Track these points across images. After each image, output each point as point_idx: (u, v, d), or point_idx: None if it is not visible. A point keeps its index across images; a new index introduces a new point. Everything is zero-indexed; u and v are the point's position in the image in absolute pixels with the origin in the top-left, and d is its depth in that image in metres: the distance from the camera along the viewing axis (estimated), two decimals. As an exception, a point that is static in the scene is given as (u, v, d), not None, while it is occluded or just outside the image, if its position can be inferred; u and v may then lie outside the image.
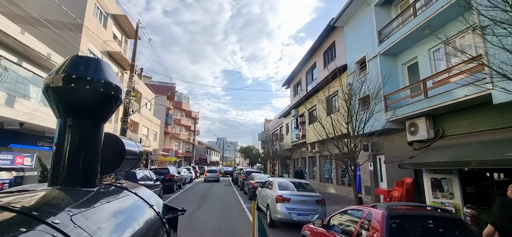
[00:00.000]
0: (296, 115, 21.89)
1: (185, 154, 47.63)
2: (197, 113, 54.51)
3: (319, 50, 18.29)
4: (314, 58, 19.34)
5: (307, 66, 20.69)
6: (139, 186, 2.10)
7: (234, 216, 9.62)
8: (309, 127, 18.68)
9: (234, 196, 15.59)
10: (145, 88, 27.41)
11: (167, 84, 40.88)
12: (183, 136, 47.34)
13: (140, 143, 3.35)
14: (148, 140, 29.46)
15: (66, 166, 1.45)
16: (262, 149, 45.46)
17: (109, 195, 1.60)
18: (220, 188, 20.36)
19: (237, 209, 11.19)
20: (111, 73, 1.60)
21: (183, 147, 48.84)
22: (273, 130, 36.27)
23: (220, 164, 78.25)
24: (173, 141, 45.74)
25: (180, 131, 47.42)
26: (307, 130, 19.21)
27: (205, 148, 65.40)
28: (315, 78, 19.18)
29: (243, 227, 7.80)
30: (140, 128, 25.87)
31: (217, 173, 28.50)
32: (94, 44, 16.94)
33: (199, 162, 56.72)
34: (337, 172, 16.24)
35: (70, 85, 1.40)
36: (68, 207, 1.12)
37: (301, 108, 21.13)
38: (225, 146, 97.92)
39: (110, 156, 1.84)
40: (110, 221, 1.32)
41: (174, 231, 2.06)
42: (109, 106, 1.63)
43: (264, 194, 9.29)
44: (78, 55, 1.57)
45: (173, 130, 45.30)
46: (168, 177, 15.00)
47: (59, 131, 1.49)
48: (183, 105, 48.38)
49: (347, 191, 14.91)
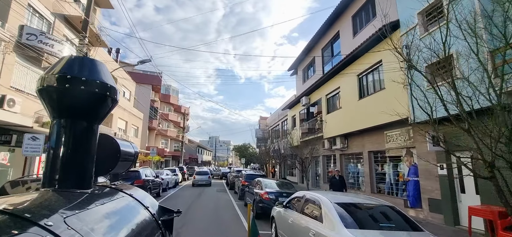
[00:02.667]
0: (307, 104, 17.61)
1: (173, 153, 42.81)
2: (187, 108, 49.67)
3: (345, 14, 14.01)
4: (335, 27, 15.06)
5: (325, 40, 16.40)
6: (134, 188, 2.06)
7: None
8: (329, 117, 14.40)
9: (232, 211, 11.17)
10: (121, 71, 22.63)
11: (153, 73, 36.02)
12: (171, 133, 42.49)
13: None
14: (126, 135, 24.74)
15: (60, 168, 1.44)
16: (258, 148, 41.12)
17: (103, 196, 1.59)
18: (211, 196, 15.85)
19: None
20: (106, 74, 1.59)
21: (171, 146, 44.00)
22: (273, 125, 31.92)
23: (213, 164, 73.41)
24: (159, 139, 40.86)
25: (168, 127, 42.55)
26: (325, 122, 14.93)
27: (196, 146, 60.53)
28: (337, 53, 14.92)
29: None
30: (114, 120, 21.16)
31: (208, 175, 23.06)
32: (42, 1, 12.28)
33: (189, 162, 51.85)
34: (371, 175, 12.02)
35: (64, 85, 1.39)
36: (61, 209, 1.11)
37: (315, 94, 16.86)
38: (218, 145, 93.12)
39: (105, 157, 1.81)
40: (104, 223, 1.30)
41: (169, 233, 2.03)
42: (104, 107, 1.60)
43: (297, 224, 4.83)
44: (73, 56, 1.56)
45: (159, 126, 40.42)
46: (138, 184, 10.42)
47: (53, 132, 1.48)
48: (171, 99, 43.49)
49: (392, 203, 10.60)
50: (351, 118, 12.47)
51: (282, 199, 7.79)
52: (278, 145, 22.76)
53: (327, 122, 14.85)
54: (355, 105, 12.10)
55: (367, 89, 11.63)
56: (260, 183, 9.99)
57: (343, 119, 13.25)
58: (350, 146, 13.76)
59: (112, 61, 21.78)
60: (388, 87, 9.92)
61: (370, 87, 11.51)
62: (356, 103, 12.06)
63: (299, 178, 21.75)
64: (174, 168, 23.37)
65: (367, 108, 11.18)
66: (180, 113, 45.05)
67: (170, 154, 42.64)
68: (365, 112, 11.31)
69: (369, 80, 11.58)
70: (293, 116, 21.66)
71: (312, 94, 17.33)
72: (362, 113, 11.59)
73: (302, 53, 19.34)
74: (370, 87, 11.51)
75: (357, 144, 13.12)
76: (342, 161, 14.82)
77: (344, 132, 13.14)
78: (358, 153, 13.24)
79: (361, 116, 11.63)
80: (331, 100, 15.15)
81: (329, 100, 15.33)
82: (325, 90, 15.38)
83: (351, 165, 14.21)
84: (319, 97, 16.18)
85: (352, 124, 12.34)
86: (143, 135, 30.99)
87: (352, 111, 12.41)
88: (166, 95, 43.10)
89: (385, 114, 9.41)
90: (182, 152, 37.74)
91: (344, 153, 14.43)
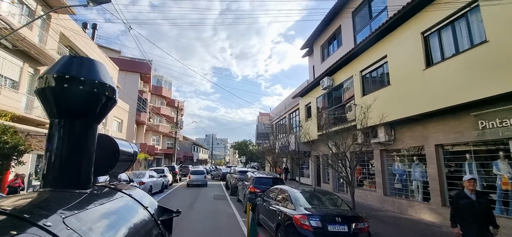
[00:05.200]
0: (330, 86, 13.75)
1: (166, 151, 38.72)
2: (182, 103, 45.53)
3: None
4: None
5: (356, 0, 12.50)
6: (133, 188, 2.01)
7: None
8: (366, 100, 10.51)
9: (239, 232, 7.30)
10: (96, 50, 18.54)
11: (142, 61, 31.87)
12: (163, 129, 38.42)
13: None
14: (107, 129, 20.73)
15: (59, 168, 1.42)
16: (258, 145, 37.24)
17: (102, 196, 1.56)
18: (207, 207, 11.94)
19: None
20: (105, 73, 1.55)
21: (163, 143, 39.90)
22: (278, 118, 28.04)
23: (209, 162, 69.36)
24: (150, 135, 36.77)
25: (160, 122, 38.46)
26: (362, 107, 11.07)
27: (191, 144, 56.41)
28: (382, 9, 11.03)
29: None
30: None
31: (204, 175, 20.62)
32: None
33: (184, 161, 47.76)
34: (441, 180, 8.21)
35: (63, 85, 1.36)
36: (60, 209, 1.10)
37: (341, 73, 13.02)
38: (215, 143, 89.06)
39: (104, 157, 1.78)
40: (103, 223, 1.29)
41: (169, 233, 1.97)
42: (103, 107, 1.56)
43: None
44: (71, 55, 1.54)
45: (150, 120, 36.30)
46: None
47: (52, 132, 1.45)
48: (163, 91, 39.31)
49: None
50: (409, 98, 8.64)
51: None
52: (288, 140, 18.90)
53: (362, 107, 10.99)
54: (419, 77, 8.26)
55: (443, 51, 7.76)
56: (286, 196, 6.11)
57: (392, 101, 9.42)
58: (399, 138, 9.95)
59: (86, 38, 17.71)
60: (494, 39, 6.09)
61: (449, 47, 7.64)
62: (419, 74, 8.22)
63: (314, 181, 17.92)
64: (163, 168, 19.37)
65: (443, 79, 7.36)
66: (173, 107, 40.86)
67: (162, 152, 38.56)
68: (439, 85, 7.48)
69: (447, 36, 7.71)
70: (307, 104, 17.77)
71: (336, 73, 13.47)
72: (431, 87, 7.76)
73: (320, 25, 15.43)
74: (448, 47, 7.64)
75: (412, 135, 9.31)
76: (382, 160, 11.00)
77: (393, 118, 9.31)
78: (415, 148, 9.43)
79: (429, 92, 7.81)
80: (369, 77, 11.29)
81: (365, 78, 11.47)
82: (359, 65, 11.52)
83: (398, 164, 10.39)
84: (349, 75, 12.32)
85: (412, 106, 8.50)
86: (129, 129, 26.90)
87: (411, 87, 8.58)
88: (157, 87, 38.93)
89: (484, 82, 5.65)
90: (175, 150, 33.63)
91: (388, 148, 10.61)
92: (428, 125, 8.61)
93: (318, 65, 16.55)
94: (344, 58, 12.03)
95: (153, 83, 38.17)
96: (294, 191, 6.13)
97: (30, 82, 13.04)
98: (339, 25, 13.90)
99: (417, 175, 9.45)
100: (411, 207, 9.28)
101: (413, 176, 9.60)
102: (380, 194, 10.85)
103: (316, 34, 16.41)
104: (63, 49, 14.42)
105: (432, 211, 8.40)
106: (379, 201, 10.87)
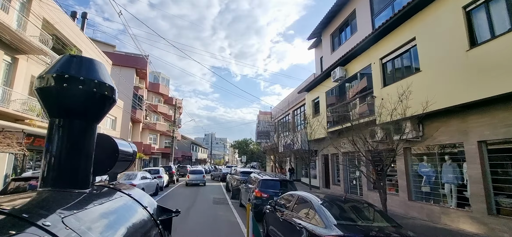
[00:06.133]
0: (343, 77, 12.37)
1: (163, 150, 37.24)
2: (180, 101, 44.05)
3: None
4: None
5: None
6: (133, 187, 1.99)
7: None
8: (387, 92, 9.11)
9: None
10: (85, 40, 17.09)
11: (138, 56, 30.39)
12: (161, 127, 36.96)
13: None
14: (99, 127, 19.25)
15: (58, 167, 1.40)
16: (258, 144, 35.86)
17: (101, 196, 1.54)
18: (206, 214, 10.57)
19: None
20: (104, 73, 1.52)
21: (161, 142, 38.44)
22: (280, 116, 26.66)
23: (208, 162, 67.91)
24: (147, 133, 35.33)
25: (157, 120, 37.00)
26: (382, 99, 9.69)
27: (190, 143, 54.96)
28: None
29: None
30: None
31: (203, 175, 21.04)
32: None
33: (182, 161, 46.28)
34: (486, 183, 6.84)
35: (62, 85, 1.34)
36: (59, 209, 1.08)
37: (356, 62, 11.65)
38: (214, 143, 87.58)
39: (103, 157, 1.73)
40: (103, 223, 1.27)
41: (168, 233, 1.96)
42: (102, 107, 1.54)
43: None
44: (71, 55, 1.47)
45: (147, 119, 34.86)
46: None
47: (50, 131, 1.42)
48: (160, 88, 37.89)
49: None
50: (445, 85, 7.26)
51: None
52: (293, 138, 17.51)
53: (383, 99, 9.60)
54: (460, 61, 6.88)
55: (493, 27, 6.38)
56: (308, 207, 4.71)
57: (422, 90, 8.03)
58: (428, 134, 8.57)
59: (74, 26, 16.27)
60: None
61: (501, 22, 6.25)
62: (462, 56, 6.84)
63: (322, 182, 16.55)
64: (158, 168, 17.97)
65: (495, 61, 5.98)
66: (171, 105, 39.37)
67: (160, 151, 37.12)
68: (490, 68, 6.11)
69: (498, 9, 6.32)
70: (314, 99, 16.38)
71: (350, 63, 12.08)
72: (477, 72, 6.39)
73: (330, 11, 14.04)
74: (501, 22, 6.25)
75: (446, 130, 7.94)
76: (406, 159, 9.63)
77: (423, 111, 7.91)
78: (451, 145, 8.06)
79: (476, 78, 6.44)
80: (391, 64, 9.91)
81: (386, 66, 10.09)
82: (379, 52, 10.15)
83: (426, 164, 9.02)
84: (366, 64, 10.94)
85: (451, 95, 7.12)
86: (123, 127, 25.47)
87: (448, 73, 7.20)
88: (154, 84, 37.50)
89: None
90: (172, 149, 32.15)
91: (414, 146, 9.24)
92: (468, 118, 7.23)
93: (328, 56, 15.15)
94: (360, 45, 10.64)
95: (150, 80, 36.74)
96: (317, 200, 4.73)
97: (6, 71, 11.61)
98: (353, 9, 12.50)
99: (450, 177, 8.09)
100: (445, 215, 7.90)
101: (445, 178, 8.24)
102: (404, 199, 9.47)
103: (325, 22, 15.02)
104: (46, 36, 12.98)
105: (474, 220, 7.02)
106: (403, 207, 9.49)
